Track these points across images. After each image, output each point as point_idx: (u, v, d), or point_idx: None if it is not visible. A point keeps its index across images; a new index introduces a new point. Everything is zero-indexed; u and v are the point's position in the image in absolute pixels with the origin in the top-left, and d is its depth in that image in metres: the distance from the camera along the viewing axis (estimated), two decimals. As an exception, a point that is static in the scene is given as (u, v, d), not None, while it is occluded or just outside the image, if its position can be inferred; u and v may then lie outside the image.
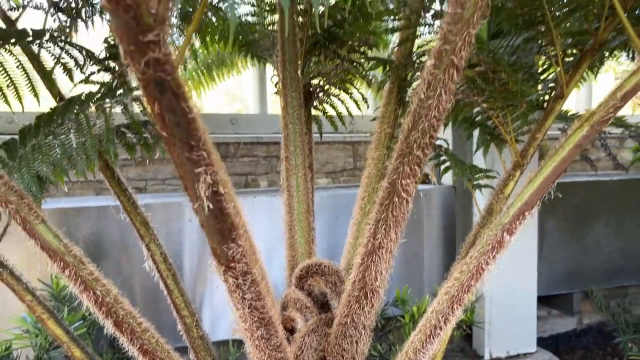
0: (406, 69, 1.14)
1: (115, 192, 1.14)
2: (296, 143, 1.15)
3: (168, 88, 0.49)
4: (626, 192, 2.57)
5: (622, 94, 0.82)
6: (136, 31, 0.44)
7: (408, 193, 0.78)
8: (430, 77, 0.68)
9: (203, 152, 0.55)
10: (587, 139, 0.85)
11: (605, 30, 1.24)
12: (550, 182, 0.88)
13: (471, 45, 0.66)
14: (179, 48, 1.13)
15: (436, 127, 0.72)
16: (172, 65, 0.48)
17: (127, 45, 0.45)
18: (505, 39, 1.34)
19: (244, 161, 2.46)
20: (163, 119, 0.51)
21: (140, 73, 0.47)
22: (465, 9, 0.63)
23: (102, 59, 1.15)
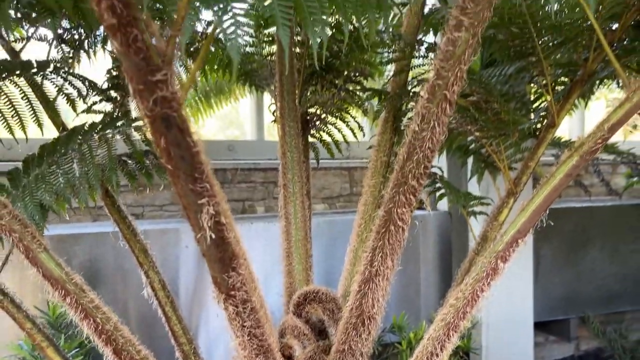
0: (401, 100, 1.18)
1: (115, 219, 1.16)
2: (294, 171, 1.18)
3: (174, 124, 0.51)
4: (620, 217, 2.60)
5: (609, 126, 0.85)
6: (145, 71, 0.47)
7: (404, 221, 0.80)
8: (424, 110, 0.71)
9: (206, 184, 0.57)
10: (577, 169, 0.88)
11: (594, 61, 1.28)
12: (542, 210, 0.91)
13: (463, 81, 0.69)
14: (182, 82, 1.16)
15: (430, 158, 0.75)
16: (178, 102, 0.51)
17: (137, 85, 0.48)
18: (498, 68, 1.38)
19: (241, 187, 2.48)
20: (169, 153, 0.53)
21: (149, 110, 0.49)
22: (456, 47, 0.66)
23: (104, 90, 1.18)
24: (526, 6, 1.19)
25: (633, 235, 2.59)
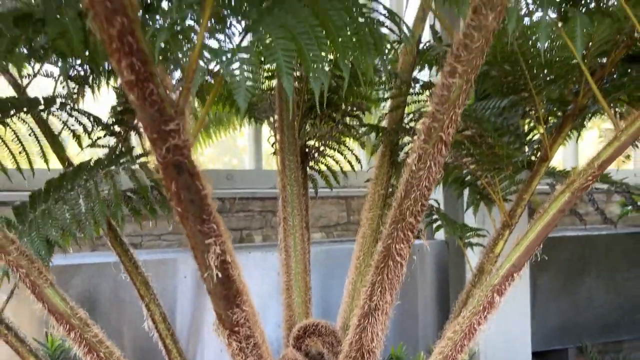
0: (397, 135, 1.21)
1: (117, 252, 1.18)
2: (294, 204, 1.21)
3: (185, 169, 0.54)
4: (615, 246, 2.63)
5: (599, 163, 0.89)
6: (159, 122, 0.51)
7: (402, 257, 0.83)
8: (420, 150, 0.75)
9: (213, 225, 0.60)
10: (569, 204, 0.92)
11: (584, 96, 1.33)
12: (536, 245, 0.94)
13: (457, 123, 0.73)
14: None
15: (427, 196, 0.78)
16: (189, 150, 0.54)
17: (151, 134, 0.51)
18: (492, 101, 1.43)
19: (239, 216, 2.50)
20: (179, 197, 0.56)
21: (162, 157, 0.53)
22: (451, 92, 0.70)
23: (109, 125, 1.22)
24: (518, 45, 1.24)
25: (628, 264, 2.62)
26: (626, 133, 0.87)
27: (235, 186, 2.59)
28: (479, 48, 0.66)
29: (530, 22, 1.08)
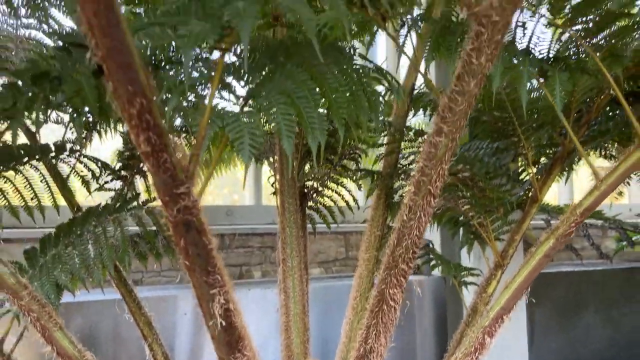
0: (392, 179, 1.27)
1: (121, 292, 1.22)
2: (292, 246, 1.26)
3: (193, 227, 0.60)
4: (611, 281, 2.67)
5: (581, 211, 0.94)
6: (171, 186, 0.56)
7: (395, 301, 0.88)
8: (411, 202, 0.81)
9: (217, 276, 0.65)
10: (554, 250, 0.97)
11: (572, 141, 1.39)
12: (524, 287, 0.99)
13: (444, 177, 0.79)
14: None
15: (418, 244, 0.84)
16: (198, 209, 0.60)
17: (163, 196, 0.57)
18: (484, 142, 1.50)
19: (238, 252, 2.54)
20: (187, 251, 0.61)
21: (172, 217, 0.58)
22: (438, 149, 0.76)
23: (116, 170, 1.28)
24: (505, 94, 1.31)
25: (624, 299, 2.65)
26: (605, 183, 0.93)
27: (235, 222, 2.64)
28: (462, 110, 0.73)
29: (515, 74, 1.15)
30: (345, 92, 0.81)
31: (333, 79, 0.80)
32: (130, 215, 1.03)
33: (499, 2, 0.65)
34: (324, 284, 2.31)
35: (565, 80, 0.90)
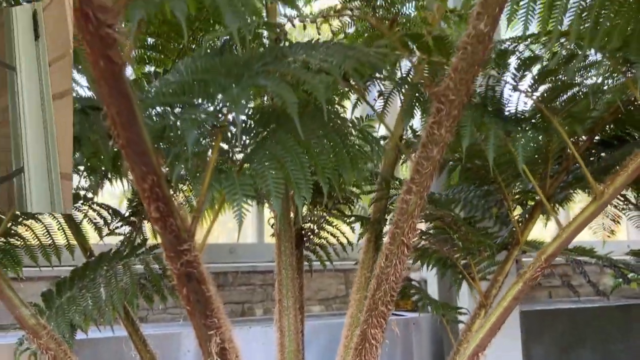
0: (380, 225, 1.39)
1: (128, 331, 1.33)
2: (288, 287, 1.37)
3: (194, 277, 0.72)
4: (608, 318, 2.73)
5: (546, 257, 1.05)
6: (176, 244, 0.69)
7: (377, 340, 0.98)
8: (387, 251, 0.92)
9: (215, 319, 0.77)
10: (523, 293, 1.08)
11: (550, 187, 1.51)
12: (497, 327, 1.09)
13: (416, 230, 0.91)
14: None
15: (395, 289, 0.95)
16: (198, 262, 0.72)
17: (169, 253, 0.69)
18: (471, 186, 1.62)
19: (241, 290, 2.64)
20: (188, 298, 0.73)
21: (176, 269, 0.70)
22: (409, 206, 0.88)
23: (125, 216, 1.40)
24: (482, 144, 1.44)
25: (621, 335, 2.71)
26: (566, 232, 1.05)
27: (237, 260, 2.75)
28: (428, 173, 0.85)
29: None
30: (329, 153, 0.94)
31: (318, 142, 0.93)
32: (139, 260, 1.15)
33: (454, 84, 0.78)
34: (324, 322, 2.40)
35: (527, 139, 1.03)
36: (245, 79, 0.77)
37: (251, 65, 0.82)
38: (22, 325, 1.01)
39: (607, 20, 1.01)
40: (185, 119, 0.70)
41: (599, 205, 1.03)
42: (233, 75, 0.81)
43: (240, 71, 0.81)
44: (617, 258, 2.45)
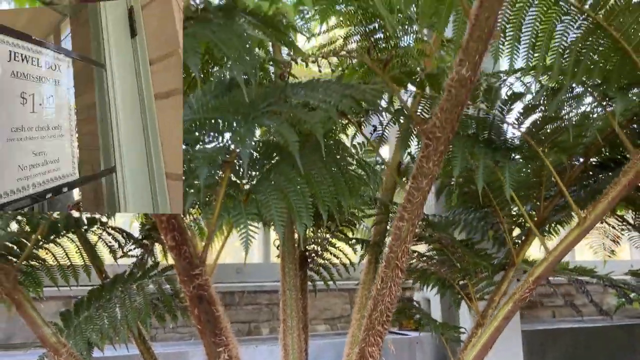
0: (380, 247, 1.47)
1: (140, 349, 1.41)
2: (292, 307, 1.45)
3: (205, 299, 0.80)
4: (612, 337, 2.78)
5: (534, 279, 1.13)
6: (188, 269, 0.77)
7: (374, 358, 1.06)
8: (382, 274, 1.00)
9: (223, 337, 0.85)
10: (513, 313, 1.15)
11: (545, 210, 1.59)
12: (489, 346, 1.16)
13: (409, 253, 0.99)
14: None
15: (391, 309, 1.03)
16: (209, 285, 0.80)
17: (182, 277, 0.78)
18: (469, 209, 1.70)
19: (247, 309, 2.71)
20: (199, 318, 0.81)
21: (189, 292, 0.79)
22: (401, 232, 0.96)
23: (138, 239, 1.49)
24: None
25: (625, 355, 2.75)
26: (552, 255, 1.12)
27: (244, 280, 2.82)
28: (419, 202, 0.93)
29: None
30: (328, 182, 1.03)
31: (318, 173, 1.02)
32: (152, 282, 1.24)
33: (440, 123, 0.86)
34: (329, 341, 2.47)
35: (513, 168, 1.11)
36: (251, 118, 0.86)
37: (256, 105, 0.91)
38: (43, 343, 1.10)
39: (587, 58, 1.10)
40: (197, 157, 0.79)
41: (582, 230, 1.10)
42: (240, 114, 0.90)
43: (247, 110, 0.90)
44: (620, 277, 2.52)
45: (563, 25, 1.07)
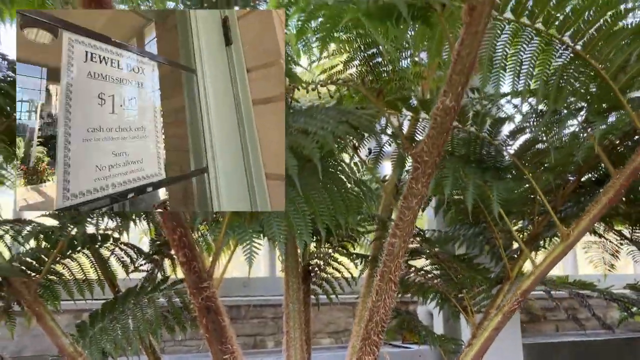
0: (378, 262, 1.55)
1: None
2: (295, 319, 1.53)
3: (212, 310, 0.89)
4: (615, 351, 2.83)
5: (521, 292, 1.21)
6: (197, 282, 0.86)
7: (370, 366, 1.14)
8: (377, 288, 1.08)
9: (229, 345, 0.93)
10: (502, 324, 1.22)
11: (539, 225, 1.66)
12: (480, 355, 1.23)
13: (402, 267, 1.07)
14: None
15: (385, 320, 1.11)
16: (215, 297, 0.89)
17: (192, 290, 0.87)
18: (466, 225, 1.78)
19: (253, 322, 2.79)
20: (207, 327, 0.90)
21: (197, 303, 0.87)
22: (394, 248, 1.05)
23: (149, 254, 1.58)
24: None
25: (627, 369, 2.80)
26: (539, 269, 1.20)
27: (250, 293, 2.91)
28: (409, 220, 1.02)
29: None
30: (327, 202, 1.11)
31: (317, 193, 1.10)
32: (162, 295, 1.32)
33: (428, 148, 0.95)
34: (334, 354, 2.54)
35: (500, 187, 1.20)
36: (255, 145, 0.95)
37: (260, 131, 1.00)
38: (61, 353, 1.19)
39: (569, 84, 1.18)
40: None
41: (566, 245, 1.18)
42: (245, 140, 0.99)
43: (251, 137, 1.00)
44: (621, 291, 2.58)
45: (546, 54, 1.16)
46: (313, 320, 2.22)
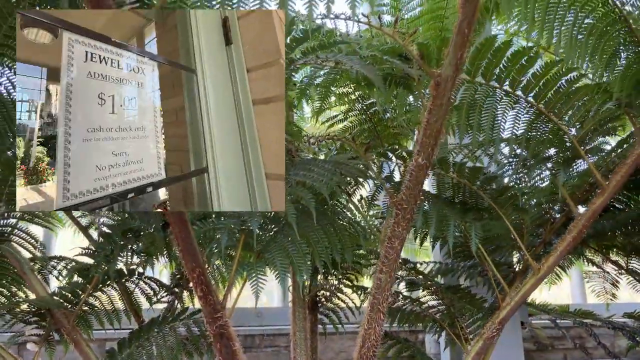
0: (377, 293, 1.74)
1: (171, 384, 1.69)
2: (301, 347, 1.72)
3: (225, 336, 1.09)
4: (621, 379, 2.94)
5: (499, 320, 1.38)
6: (212, 313, 1.06)
7: (364, 387, 1.32)
8: (368, 317, 1.28)
9: (239, 366, 1.13)
10: (484, 349, 1.40)
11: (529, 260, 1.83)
12: (465, 378, 1.41)
13: (388, 301, 1.26)
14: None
15: (376, 346, 1.29)
16: (228, 325, 1.09)
17: (207, 319, 1.07)
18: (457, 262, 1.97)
19: (267, 351, 2.97)
20: (220, 351, 1.10)
21: (212, 330, 1.07)
22: (381, 282, 1.24)
23: (170, 287, 1.80)
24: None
25: (632, 398, 2.90)
26: (513, 300, 1.38)
27: (264, 323, 3.09)
28: (393, 259, 1.22)
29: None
30: (324, 242, 1.31)
31: (315, 235, 1.31)
32: (182, 324, 1.53)
33: (406, 197, 1.15)
34: (344, 382, 2.70)
35: (479, 227, 1.39)
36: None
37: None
38: (95, 375, 1.39)
39: (536, 136, 1.38)
40: (219, 228, 1.09)
41: (537, 279, 1.36)
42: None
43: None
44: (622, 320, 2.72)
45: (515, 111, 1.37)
46: (324, 349, 2.39)
